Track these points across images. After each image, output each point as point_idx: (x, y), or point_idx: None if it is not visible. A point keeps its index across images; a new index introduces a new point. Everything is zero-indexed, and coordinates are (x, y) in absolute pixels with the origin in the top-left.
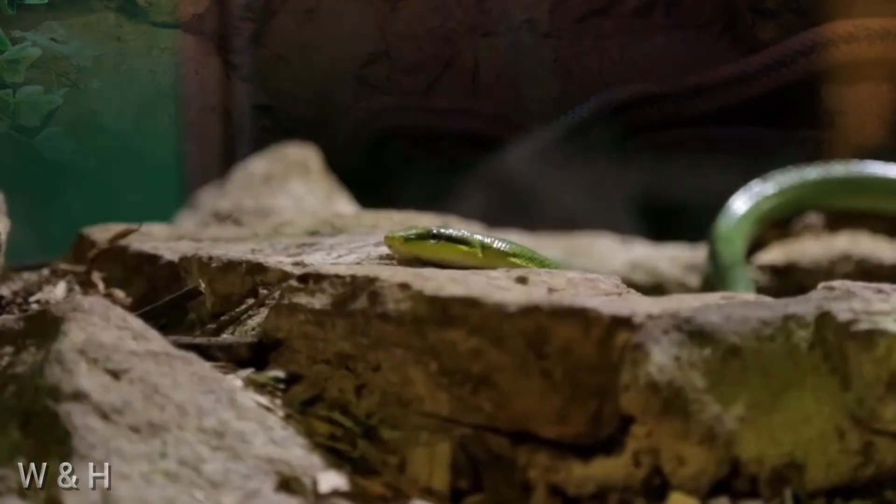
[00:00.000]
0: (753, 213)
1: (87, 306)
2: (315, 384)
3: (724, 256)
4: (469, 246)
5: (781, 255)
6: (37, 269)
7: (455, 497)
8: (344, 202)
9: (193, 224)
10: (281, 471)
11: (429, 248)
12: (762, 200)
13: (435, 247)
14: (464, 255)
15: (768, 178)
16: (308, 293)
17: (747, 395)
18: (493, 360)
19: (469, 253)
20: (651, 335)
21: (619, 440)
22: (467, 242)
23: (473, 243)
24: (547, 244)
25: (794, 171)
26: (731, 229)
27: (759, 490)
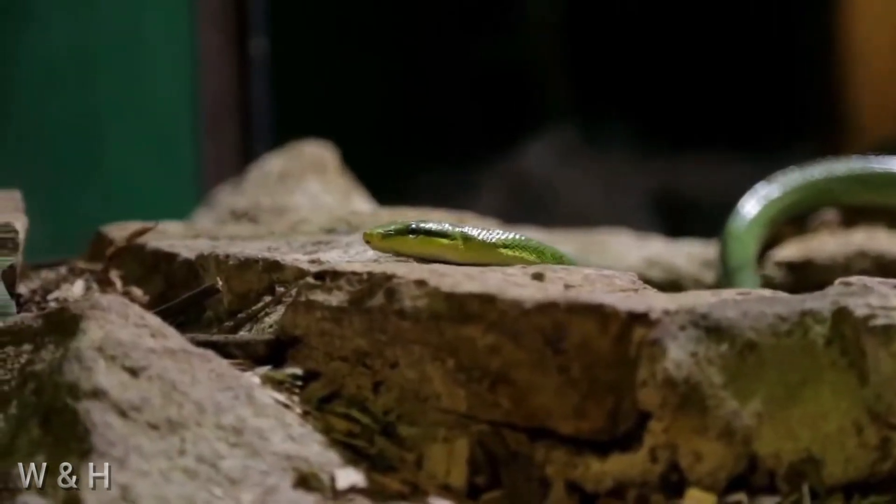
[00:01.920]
0: (768, 211)
1: (105, 304)
2: (332, 381)
3: (734, 257)
4: (450, 239)
5: (797, 252)
6: (55, 267)
7: (473, 493)
8: (360, 200)
9: (210, 222)
10: (299, 467)
11: (408, 244)
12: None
13: (415, 241)
14: (444, 249)
15: (783, 174)
16: (325, 290)
17: (764, 391)
18: (511, 357)
19: (450, 246)
20: (668, 331)
21: (636, 436)
22: (448, 235)
23: (454, 236)
24: (562, 240)
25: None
26: (743, 229)
27: (776, 485)
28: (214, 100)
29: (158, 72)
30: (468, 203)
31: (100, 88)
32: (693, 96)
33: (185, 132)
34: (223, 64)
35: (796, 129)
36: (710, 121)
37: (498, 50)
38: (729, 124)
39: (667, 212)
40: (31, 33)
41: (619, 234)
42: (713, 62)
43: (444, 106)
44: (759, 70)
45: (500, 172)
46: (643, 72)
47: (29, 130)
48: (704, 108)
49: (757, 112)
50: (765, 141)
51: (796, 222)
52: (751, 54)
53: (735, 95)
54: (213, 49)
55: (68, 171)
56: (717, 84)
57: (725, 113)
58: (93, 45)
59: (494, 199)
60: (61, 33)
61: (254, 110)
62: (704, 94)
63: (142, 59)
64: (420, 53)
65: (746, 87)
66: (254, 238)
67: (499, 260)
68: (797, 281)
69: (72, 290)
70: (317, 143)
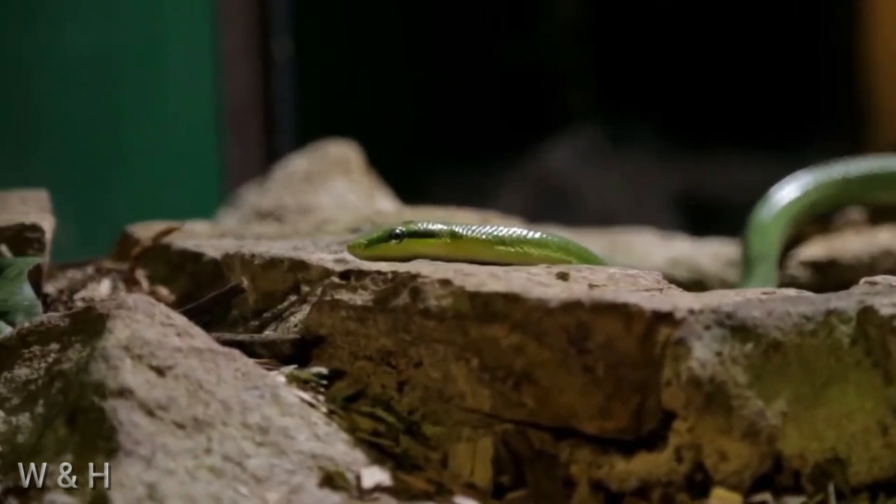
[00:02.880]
0: (791, 208)
1: (131, 303)
2: (357, 380)
3: (753, 249)
4: (436, 238)
5: (822, 251)
6: (81, 266)
7: (497, 492)
8: (385, 199)
9: (235, 221)
10: (324, 466)
11: (393, 249)
12: (801, 195)
13: (399, 246)
14: (431, 248)
15: (807, 172)
16: (350, 290)
17: (789, 391)
18: (535, 356)
19: (436, 245)
20: (693, 330)
21: (661, 435)
22: (434, 234)
23: (441, 234)
24: (587, 240)
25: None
26: (765, 222)
27: (802, 485)
28: (238, 100)
29: (182, 73)
30: (493, 202)
31: (125, 90)
32: (716, 96)
33: (210, 132)
34: (247, 64)
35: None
36: (734, 120)
37: (522, 51)
38: (752, 124)
39: (691, 211)
40: (56, 36)
41: (643, 233)
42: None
43: (469, 106)
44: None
45: (525, 172)
46: (666, 72)
47: (55, 131)
48: (728, 108)
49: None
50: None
51: (821, 221)
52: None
53: (759, 95)
54: (237, 50)
55: (94, 172)
56: (740, 84)
57: (749, 113)
58: (117, 47)
59: (519, 198)
60: (86, 36)
61: (277, 110)
62: (728, 94)
63: (166, 61)
64: (445, 54)
65: (770, 86)
66: (279, 237)
67: (494, 257)
68: (822, 280)
69: (98, 290)
70: (341, 142)
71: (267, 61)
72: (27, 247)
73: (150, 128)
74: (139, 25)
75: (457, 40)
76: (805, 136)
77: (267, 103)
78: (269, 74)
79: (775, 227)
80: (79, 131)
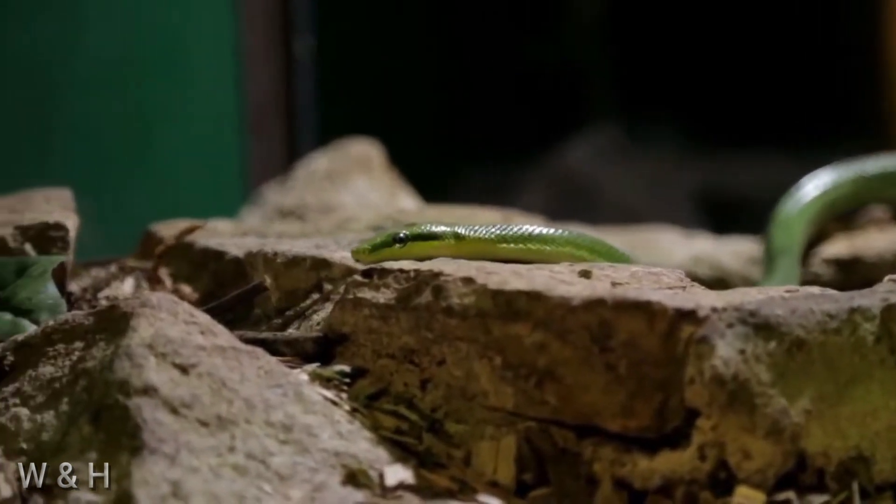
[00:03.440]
0: (814, 204)
1: (154, 302)
2: (380, 378)
3: (777, 242)
4: (440, 240)
5: (846, 249)
6: (105, 265)
7: (520, 490)
8: (407, 197)
9: (257, 220)
10: (347, 464)
11: (397, 253)
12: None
13: (403, 250)
14: (435, 250)
15: (837, 166)
16: (372, 288)
17: (813, 389)
18: (558, 354)
19: (441, 247)
20: (716, 328)
21: (684, 434)
22: (437, 237)
23: (444, 236)
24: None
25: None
26: (791, 215)
27: (826, 484)
28: (260, 99)
29: (205, 71)
30: (514, 201)
31: (148, 89)
32: (738, 93)
33: (232, 131)
34: (268, 63)
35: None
36: (755, 118)
37: (543, 48)
38: (774, 121)
39: (712, 209)
40: (79, 36)
41: (666, 231)
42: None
43: (490, 104)
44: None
45: (546, 170)
46: (688, 70)
47: (79, 130)
48: (749, 105)
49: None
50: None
51: (844, 219)
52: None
53: (780, 92)
54: (258, 48)
55: (118, 170)
56: (761, 81)
57: (770, 110)
58: (140, 47)
59: (540, 196)
60: (108, 35)
61: (299, 109)
62: (749, 91)
63: (188, 60)
64: (466, 52)
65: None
66: (301, 236)
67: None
68: (845, 278)
69: (122, 288)
70: (363, 141)
71: (289, 60)
72: (51, 245)
73: (173, 127)
74: (162, 25)
75: (479, 38)
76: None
77: (289, 102)
78: (291, 73)
79: (799, 222)
80: (102, 130)
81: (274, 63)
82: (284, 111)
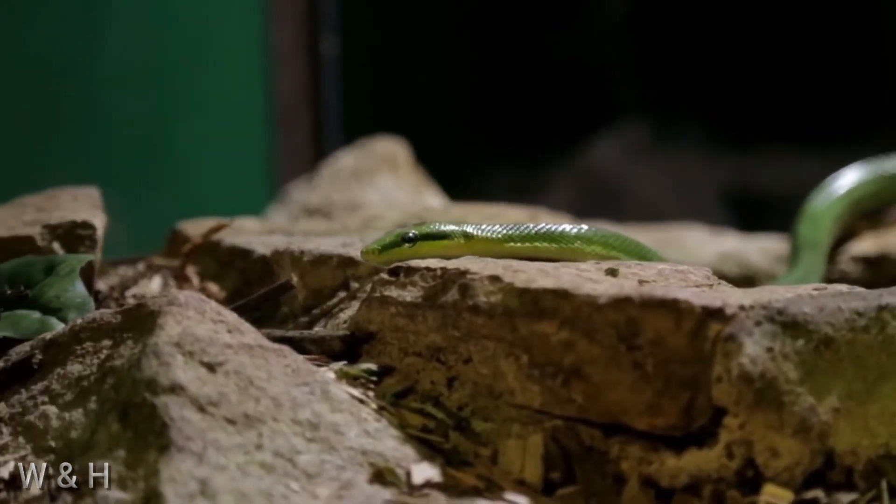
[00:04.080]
0: (843, 201)
1: (182, 300)
2: (407, 376)
3: (802, 236)
4: (450, 239)
5: (874, 246)
6: (132, 263)
7: (547, 489)
8: (432, 196)
9: (283, 218)
10: (374, 462)
11: (407, 252)
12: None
13: (412, 249)
14: (444, 249)
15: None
16: (399, 286)
17: (841, 387)
18: (585, 352)
19: (450, 246)
20: (743, 326)
21: (711, 432)
22: (446, 236)
23: (453, 235)
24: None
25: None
26: (820, 210)
27: (854, 482)
28: (286, 97)
29: (231, 70)
30: (540, 199)
31: (174, 87)
32: (764, 91)
33: (258, 129)
34: (295, 62)
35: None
36: (781, 115)
37: (569, 47)
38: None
39: (738, 207)
40: (107, 33)
41: (692, 229)
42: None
43: (517, 102)
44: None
45: (573, 168)
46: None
47: (106, 128)
48: (776, 102)
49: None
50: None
51: (872, 217)
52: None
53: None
54: (284, 47)
55: (145, 169)
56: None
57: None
58: (168, 46)
59: (567, 194)
60: (136, 33)
61: (325, 107)
62: (776, 88)
63: (215, 59)
64: (491, 50)
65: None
66: (328, 234)
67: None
68: (873, 276)
69: (149, 287)
70: (389, 139)
71: (316, 58)
72: (79, 244)
73: (200, 125)
74: (189, 23)
75: (504, 37)
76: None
77: (315, 100)
78: (318, 71)
79: (827, 218)
80: (130, 128)
81: (301, 62)
82: (311, 110)
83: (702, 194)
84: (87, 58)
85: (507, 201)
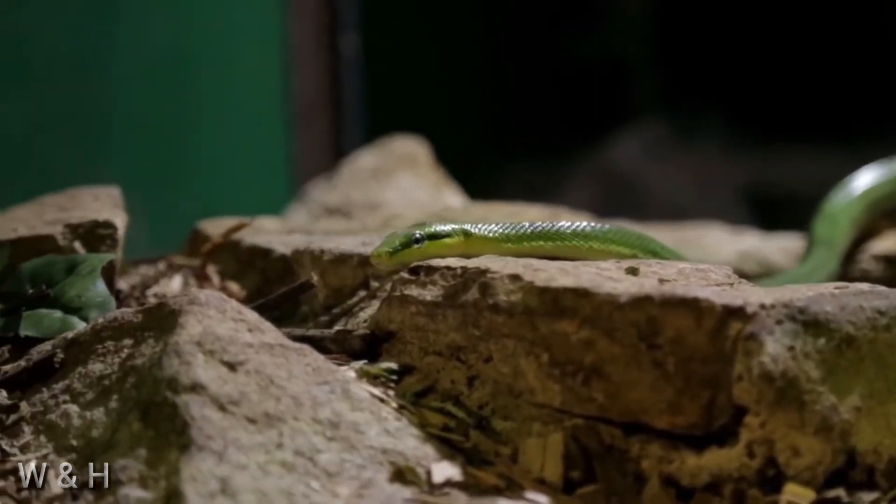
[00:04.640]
0: (863, 199)
1: (203, 299)
2: (427, 375)
3: (817, 233)
4: (451, 237)
5: (895, 245)
6: (153, 262)
7: (568, 488)
8: (452, 195)
9: (303, 217)
10: (395, 461)
11: (416, 253)
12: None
13: (421, 250)
14: (448, 248)
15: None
16: (419, 285)
17: (863, 386)
18: (605, 351)
19: (452, 244)
20: (764, 325)
21: (732, 431)
22: (450, 235)
23: (454, 234)
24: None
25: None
26: (838, 208)
27: (876, 481)
28: (306, 96)
29: (251, 69)
30: (561, 197)
31: (194, 86)
32: (785, 89)
33: (277, 128)
34: (314, 60)
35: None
36: (802, 113)
37: (589, 44)
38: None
39: (758, 205)
40: (127, 32)
41: (713, 227)
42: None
43: (537, 100)
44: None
45: (593, 166)
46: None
47: (127, 128)
48: (797, 100)
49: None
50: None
51: (894, 216)
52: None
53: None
54: (304, 45)
55: (165, 168)
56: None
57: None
58: (187, 44)
59: (587, 192)
60: (156, 32)
61: (345, 106)
62: (796, 86)
63: (235, 57)
64: (511, 48)
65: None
66: (347, 233)
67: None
68: (895, 275)
69: (170, 286)
70: (408, 138)
71: (336, 57)
72: (100, 243)
73: (220, 124)
74: (209, 21)
75: (524, 35)
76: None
77: (335, 99)
78: (338, 70)
79: (844, 217)
80: (150, 128)
81: (321, 61)
82: (331, 109)
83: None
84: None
85: (528, 200)
